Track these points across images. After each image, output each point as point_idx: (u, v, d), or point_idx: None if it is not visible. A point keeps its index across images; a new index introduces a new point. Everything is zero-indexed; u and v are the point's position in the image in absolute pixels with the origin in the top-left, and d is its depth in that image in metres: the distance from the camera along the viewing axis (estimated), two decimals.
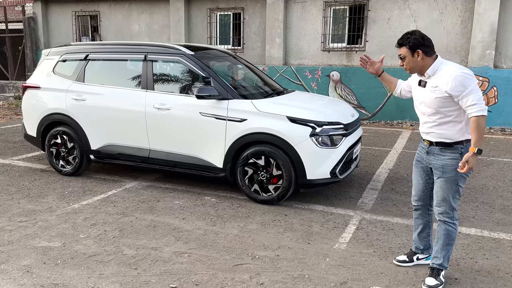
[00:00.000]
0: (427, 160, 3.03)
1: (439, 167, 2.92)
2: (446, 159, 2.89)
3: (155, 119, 4.99)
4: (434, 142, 2.94)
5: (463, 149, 2.85)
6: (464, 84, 2.71)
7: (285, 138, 4.41)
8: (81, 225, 4.05)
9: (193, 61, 4.91)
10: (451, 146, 2.87)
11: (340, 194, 5.03)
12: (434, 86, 2.82)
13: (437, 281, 2.99)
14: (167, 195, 4.93)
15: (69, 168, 5.63)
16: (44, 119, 5.68)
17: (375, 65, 3.35)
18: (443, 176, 2.92)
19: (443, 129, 2.88)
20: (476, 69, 9.02)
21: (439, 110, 2.84)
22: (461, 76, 2.73)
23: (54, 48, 5.88)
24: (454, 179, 2.89)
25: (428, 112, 2.91)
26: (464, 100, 2.72)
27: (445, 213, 2.96)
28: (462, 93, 2.71)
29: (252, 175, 4.65)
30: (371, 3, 9.96)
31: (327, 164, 4.44)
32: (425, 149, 3.04)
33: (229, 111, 4.64)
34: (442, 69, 2.81)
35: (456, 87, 2.72)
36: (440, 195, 2.95)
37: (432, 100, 2.84)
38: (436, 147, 2.93)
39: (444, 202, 2.94)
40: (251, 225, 4.08)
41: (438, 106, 2.83)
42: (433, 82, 2.83)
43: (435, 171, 2.98)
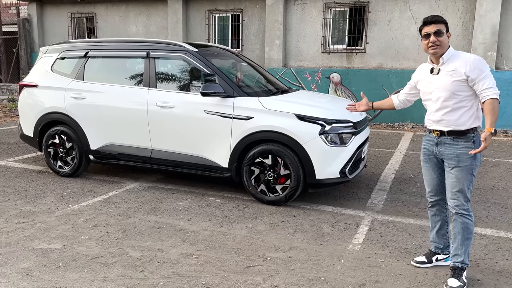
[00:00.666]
0: (437, 152, 2.97)
1: (454, 157, 2.87)
2: (460, 147, 2.85)
3: (157, 117, 4.83)
4: (446, 131, 2.89)
5: (475, 137, 2.85)
6: (481, 68, 2.76)
7: (293, 136, 4.27)
8: (82, 227, 3.87)
9: (197, 58, 4.77)
10: (464, 134, 2.84)
11: (348, 195, 4.90)
12: (451, 70, 2.83)
13: (460, 282, 2.86)
14: (170, 196, 4.76)
15: (67, 169, 5.45)
16: (41, 118, 5.50)
17: (362, 103, 3.55)
18: (458, 166, 2.86)
19: (456, 115, 2.84)
20: None
21: (455, 94, 2.82)
22: (478, 60, 2.80)
23: (53, 46, 5.71)
24: (469, 168, 2.85)
25: (443, 97, 2.87)
26: (480, 84, 2.75)
27: (461, 205, 2.88)
28: (479, 76, 2.75)
29: (258, 175, 4.51)
30: (371, 5, 9.90)
31: (336, 163, 4.31)
32: (434, 140, 2.98)
33: (235, 108, 4.50)
34: (456, 55, 2.86)
35: (474, 70, 2.75)
36: (455, 186, 2.88)
37: (449, 84, 2.83)
38: (448, 136, 2.89)
39: (459, 193, 2.87)
40: (260, 226, 3.93)
41: (454, 90, 2.82)
42: (448, 67, 2.85)
43: (448, 162, 2.91)
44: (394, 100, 3.46)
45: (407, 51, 9.73)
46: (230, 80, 4.67)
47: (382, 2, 9.80)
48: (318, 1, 10.35)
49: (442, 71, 2.86)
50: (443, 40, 2.83)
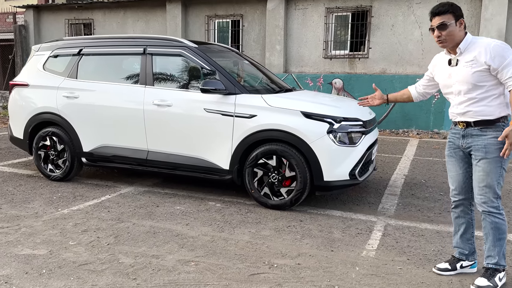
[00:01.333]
0: (464, 144, 2.70)
1: (481, 147, 2.60)
2: (489, 138, 2.59)
3: (154, 117, 4.55)
4: (473, 122, 2.63)
5: (505, 126, 2.57)
6: (503, 55, 2.49)
7: (299, 135, 3.98)
8: (71, 232, 3.56)
9: (197, 54, 4.50)
10: (493, 124, 2.58)
11: (357, 199, 4.60)
12: (470, 60, 2.57)
13: (489, 282, 2.57)
14: (167, 200, 4.46)
15: (58, 172, 5.14)
16: (32, 119, 5.20)
17: (375, 97, 3.26)
18: (486, 157, 2.58)
19: (482, 105, 2.59)
20: None
21: (477, 85, 2.58)
22: (499, 46, 2.51)
23: (45, 43, 5.45)
24: (498, 160, 2.57)
25: (465, 90, 2.62)
26: (504, 72, 2.49)
27: (489, 202, 2.60)
28: (502, 64, 2.49)
29: (261, 177, 4.21)
30: (374, 9, 9.72)
31: (345, 164, 4.02)
32: (460, 133, 2.72)
33: (237, 106, 4.22)
34: (474, 43, 2.59)
35: (495, 58, 2.49)
36: (482, 180, 2.60)
37: (469, 75, 2.58)
38: (475, 127, 2.63)
39: (487, 188, 2.59)
40: (264, 231, 3.62)
41: (476, 81, 2.57)
42: (467, 57, 2.59)
43: (475, 154, 2.64)
44: (412, 91, 3.17)
45: (411, 56, 9.52)
46: (231, 77, 4.41)
47: (385, 6, 9.62)
48: (320, 6, 10.17)
49: (460, 61, 2.61)
50: (449, 33, 2.56)
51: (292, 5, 10.44)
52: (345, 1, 9.93)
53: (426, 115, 9.33)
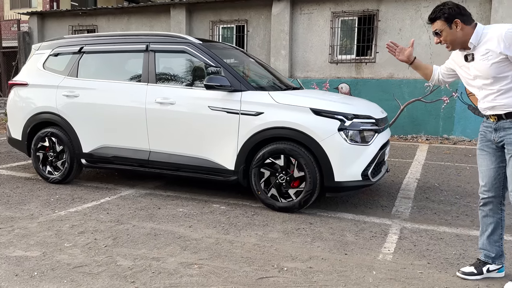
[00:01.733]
0: (497, 138, 2.51)
1: None
2: None
3: (156, 115, 4.36)
4: (504, 114, 2.44)
5: None
6: None
7: (308, 133, 3.78)
8: (67, 233, 3.35)
9: (201, 50, 4.33)
10: None
11: (369, 202, 4.37)
12: (485, 53, 2.41)
13: None
14: (169, 203, 4.25)
15: (57, 174, 4.94)
16: (31, 119, 5.03)
17: (405, 51, 2.95)
18: None
19: (509, 97, 2.41)
20: None
21: (498, 77, 2.40)
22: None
23: (46, 42, 5.30)
24: None
25: (487, 83, 2.46)
26: None
27: None
28: None
29: (268, 177, 4.00)
30: (381, 13, 9.56)
31: (358, 164, 3.80)
32: (492, 126, 2.53)
33: (242, 103, 4.03)
34: (486, 33, 2.41)
35: (510, 46, 2.31)
36: None
37: (487, 69, 2.41)
38: (507, 119, 2.44)
39: None
40: (272, 234, 3.40)
41: (496, 73, 2.40)
42: (481, 50, 2.43)
43: (508, 147, 2.44)
44: (434, 71, 2.93)
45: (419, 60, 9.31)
46: (237, 73, 4.22)
47: (392, 10, 9.47)
48: (326, 10, 10.04)
49: (476, 55, 2.45)
50: (446, 38, 2.47)
51: (298, 9, 10.31)
52: (352, 5, 9.79)
53: (436, 120, 9.11)
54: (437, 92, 9.11)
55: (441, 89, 9.04)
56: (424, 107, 9.19)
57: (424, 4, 9.19)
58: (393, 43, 2.99)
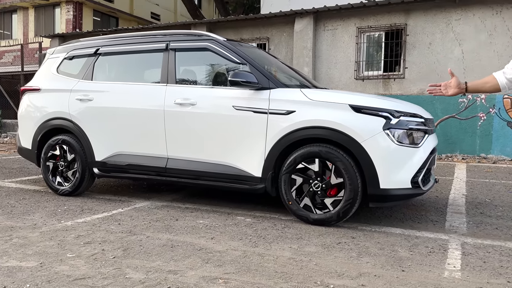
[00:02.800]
0: None
1: None
2: None
3: (175, 118, 3.95)
4: None
5: None
6: None
7: (348, 132, 3.30)
8: (71, 243, 2.89)
9: (225, 47, 3.94)
10: None
11: (415, 217, 3.81)
12: None
13: None
14: (188, 214, 3.77)
15: (67, 186, 4.54)
16: (42, 126, 4.69)
17: (451, 84, 2.71)
18: None
19: None
20: None
21: None
22: None
23: (61, 46, 5.02)
24: None
25: None
26: None
27: None
28: None
29: (301, 185, 3.50)
30: (409, 28, 9.17)
31: (407, 168, 3.28)
32: None
33: (271, 102, 3.59)
34: None
35: None
36: None
37: None
38: None
39: None
40: (308, 248, 2.88)
41: None
42: None
43: None
44: (499, 78, 2.54)
45: None
46: (264, 70, 3.81)
47: (422, 24, 9.06)
48: (350, 26, 9.70)
49: None
50: None
51: (321, 26, 10.01)
52: (378, 20, 9.44)
53: (472, 138, 8.50)
54: (472, 108, 8.54)
55: (477, 105, 8.48)
56: (459, 124, 8.62)
57: (455, 16, 8.77)
58: (433, 85, 2.78)
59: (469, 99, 7.80)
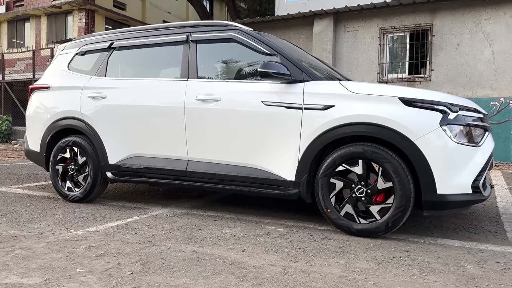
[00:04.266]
0: None
1: None
2: None
3: (197, 115, 3.56)
4: None
5: None
6: None
7: (399, 129, 2.86)
8: (81, 256, 2.49)
9: (253, 37, 3.55)
10: None
11: (469, 227, 3.35)
12: None
13: None
14: (211, 223, 3.36)
15: (77, 191, 4.16)
16: (51, 126, 4.33)
17: None
18: None
19: None
20: None
21: None
22: None
23: (72, 41, 4.68)
24: None
25: None
26: None
27: None
28: None
29: (340, 190, 3.07)
30: (435, 28, 8.73)
31: (467, 171, 2.84)
32: None
33: (306, 96, 3.18)
34: None
35: None
36: None
37: None
38: None
39: None
40: (359, 263, 2.44)
41: None
42: None
43: None
44: None
45: (482, 78, 8.35)
46: (297, 60, 3.41)
47: (449, 24, 8.62)
48: (373, 27, 9.30)
49: None
50: None
51: (341, 27, 9.62)
52: (402, 21, 9.02)
53: (505, 144, 7.99)
54: (505, 112, 8.03)
55: (510, 108, 7.97)
56: None
57: (485, 16, 8.32)
58: None
59: (501, 102, 7.30)
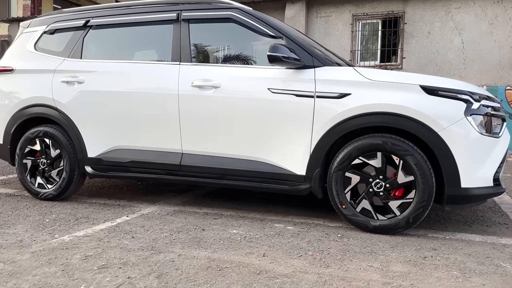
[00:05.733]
0: None
1: None
2: None
3: (193, 104, 3.21)
4: None
5: None
6: None
7: (422, 119, 2.68)
8: (80, 269, 2.12)
9: (254, 17, 3.24)
10: None
11: (477, 219, 3.28)
12: None
13: None
14: (212, 222, 3.06)
15: (50, 188, 3.70)
16: (16, 115, 3.81)
17: None
18: None
19: None
20: None
21: None
22: None
23: (39, 18, 4.14)
24: None
25: None
26: None
27: None
28: None
29: (356, 185, 2.88)
30: (407, 16, 8.74)
31: (489, 163, 2.73)
32: None
33: (318, 83, 2.93)
34: None
35: None
36: None
37: None
38: None
39: None
40: (394, 266, 2.25)
41: None
42: None
43: None
44: None
45: (451, 66, 8.48)
46: (306, 44, 3.14)
47: (420, 12, 8.66)
48: (345, 13, 9.18)
49: None
50: None
51: (313, 12, 9.43)
52: (374, 7, 8.96)
53: None
54: None
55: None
56: None
57: (455, 5, 8.42)
58: None
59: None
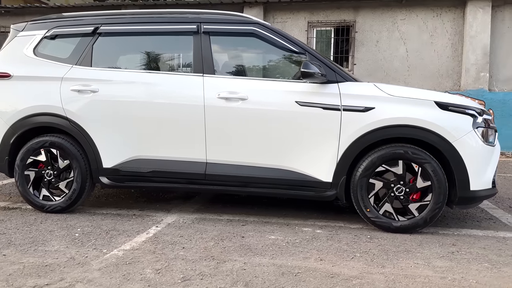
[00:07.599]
0: None
1: None
2: None
3: (220, 115, 3.33)
4: None
5: None
6: None
7: (439, 131, 3.08)
8: (164, 283, 2.18)
9: (276, 33, 3.44)
10: None
11: (465, 216, 3.78)
12: None
13: None
14: (244, 229, 3.20)
15: (59, 200, 3.57)
16: (17, 124, 3.61)
17: None
18: None
19: None
20: (472, 92, 8.74)
21: None
22: None
23: (36, 21, 3.92)
24: None
25: None
26: None
27: None
28: None
29: (378, 191, 3.21)
30: (358, 25, 9.38)
31: (490, 168, 3.21)
32: None
33: (343, 97, 3.20)
34: None
35: None
36: None
37: None
38: None
39: None
40: (435, 262, 2.60)
41: None
42: None
43: None
44: None
45: (397, 73, 9.27)
46: (328, 60, 3.40)
47: (370, 22, 9.34)
48: (300, 20, 9.59)
49: None
50: None
51: (270, 18, 9.72)
52: (328, 16, 9.48)
53: None
54: None
55: None
56: None
57: (400, 16, 9.21)
58: None
59: None
